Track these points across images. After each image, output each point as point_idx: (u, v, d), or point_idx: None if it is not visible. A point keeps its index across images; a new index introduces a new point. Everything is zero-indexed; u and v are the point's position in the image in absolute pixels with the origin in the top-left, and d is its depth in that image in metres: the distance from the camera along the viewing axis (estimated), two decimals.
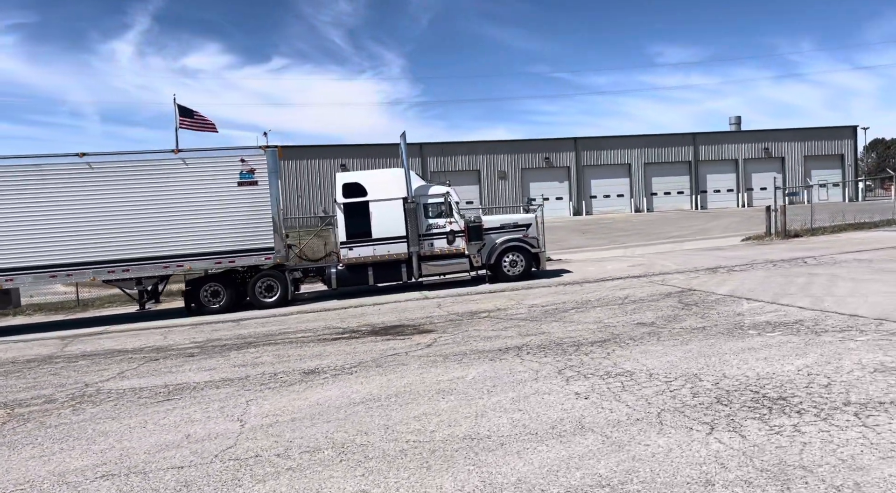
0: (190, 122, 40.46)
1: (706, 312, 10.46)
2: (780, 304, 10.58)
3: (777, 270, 14.94)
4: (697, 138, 59.66)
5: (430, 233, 17.18)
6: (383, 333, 11.10)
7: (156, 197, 15.68)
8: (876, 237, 21.13)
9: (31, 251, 15.05)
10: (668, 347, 8.12)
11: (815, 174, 59.95)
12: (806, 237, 23.44)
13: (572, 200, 57.86)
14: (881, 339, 7.59)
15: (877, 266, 14.11)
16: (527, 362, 7.83)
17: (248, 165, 16.14)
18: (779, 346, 7.65)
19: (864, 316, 9.01)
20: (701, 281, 14.21)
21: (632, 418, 5.45)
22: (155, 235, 15.62)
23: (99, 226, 15.37)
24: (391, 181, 17.30)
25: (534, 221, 18.12)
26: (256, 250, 16.16)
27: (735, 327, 9.05)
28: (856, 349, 7.18)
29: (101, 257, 15.38)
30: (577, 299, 13.28)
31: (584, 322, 10.43)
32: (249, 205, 16.11)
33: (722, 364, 7.01)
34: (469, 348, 9.07)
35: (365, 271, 16.94)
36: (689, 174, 59.45)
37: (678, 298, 12.17)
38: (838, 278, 12.80)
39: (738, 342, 8.03)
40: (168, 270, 16.02)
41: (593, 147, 58.67)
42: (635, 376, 6.81)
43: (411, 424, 5.69)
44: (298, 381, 7.76)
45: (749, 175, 59.93)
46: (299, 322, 13.45)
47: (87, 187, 15.40)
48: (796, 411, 5.30)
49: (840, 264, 15.06)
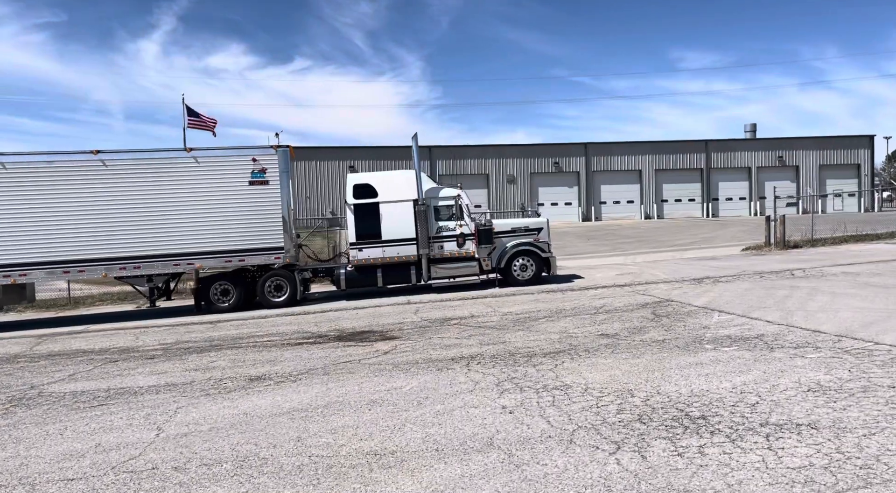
0: (197, 122, 40.90)
1: (674, 324, 10.30)
2: (749, 317, 10.39)
3: (762, 281, 14.70)
4: (710, 145, 59.09)
5: (441, 236, 17.09)
6: (348, 339, 11.05)
7: (168, 195, 15.82)
8: (875, 250, 20.75)
9: (45, 247, 15.25)
10: (619, 360, 7.98)
11: (831, 184, 59.20)
12: (805, 248, 23.06)
13: (581, 206, 57.50)
14: (832, 357, 7.40)
15: (862, 280, 13.83)
16: (472, 373, 7.73)
17: (259, 164, 16.22)
18: (727, 362, 7.49)
19: (825, 332, 8.81)
20: (682, 292, 14.02)
21: (545, 435, 5.33)
22: (166, 232, 15.78)
23: (111, 223, 15.54)
24: (402, 183, 17.25)
25: (545, 226, 17.92)
26: (266, 249, 16.24)
27: (695, 340, 8.89)
28: (801, 367, 7.01)
29: (112, 253, 15.55)
30: (554, 307, 13.15)
31: (549, 332, 10.30)
32: (260, 204, 16.18)
33: (662, 380, 6.87)
34: (423, 356, 8.99)
35: (374, 273, 16.92)
36: (701, 181, 58.87)
37: (652, 309, 12.00)
38: (818, 292, 12.55)
39: (689, 357, 7.88)
40: (178, 267, 16.14)
41: (604, 153, 58.30)
42: (571, 390, 6.70)
43: (325, 437, 5.62)
44: (240, 388, 7.72)
45: (762, 183, 59.14)
46: (274, 325, 13.44)
47: (100, 184, 15.57)
48: (710, 431, 5.16)
49: (826, 277, 14.78)
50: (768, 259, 20.01)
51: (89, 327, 14.90)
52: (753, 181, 59.13)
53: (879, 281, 13.47)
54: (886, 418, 5.23)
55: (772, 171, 59.38)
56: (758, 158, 59.40)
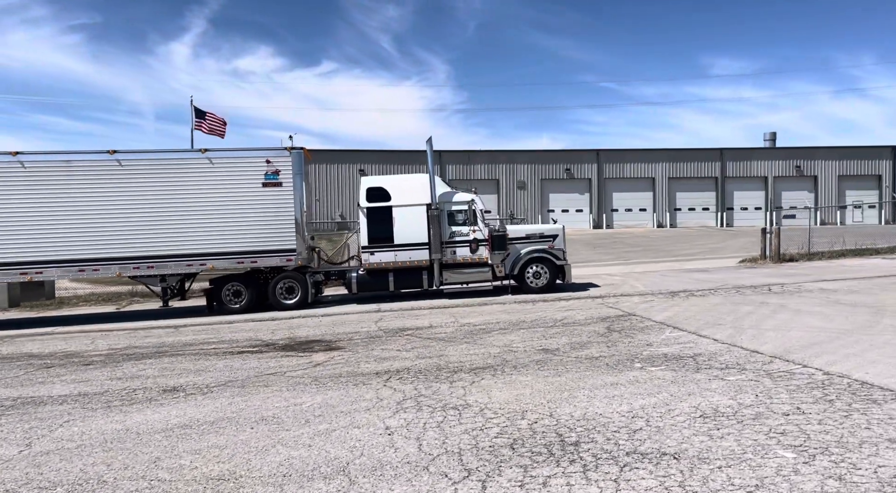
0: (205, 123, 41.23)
1: (621, 340, 10.02)
2: (699, 335, 10.07)
3: (735, 297, 14.31)
4: (725, 154, 58.19)
5: (453, 241, 16.92)
6: (293, 348, 10.92)
7: (182, 195, 15.96)
8: (870, 265, 20.17)
9: (61, 245, 15.45)
10: (539, 377, 7.75)
11: (851, 195, 57.99)
12: (801, 262, 22.54)
13: (592, 213, 56.94)
14: (751, 380, 7.10)
15: (835, 297, 13.38)
16: (384, 390, 7.54)
17: (273, 166, 16.27)
18: (644, 383, 7.22)
19: (762, 353, 8.48)
20: (650, 305, 13.70)
21: (405, 461, 5.13)
22: (179, 232, 15.90)
23: (126, 222, 15.71)
24: (416, 187, 17.12)
25: (561, 233, 17.60)
26: (278, 251, 16.28)
27: (629, 358, 8.61)
28: (712, 391, 6.72)
29: (127, 253, 15.72)
30: (516, 319, 12.92)
31: (493, 345, 10.08)
32: (273, 206, 16.23)
33: (564, 401, 6.63)
34: (351, 369, 8.82)
35: (386, 277, 16.83)
36: (716, 190, 57.98)
37: (610, 323, 11.72)
38: (784, 309, 12.16)
39: (610, 376, 7.62)
40: (191, 268, 16.24)
41: (616, 160, 57.70)
42: (467, 410, 6.48)
43: (184, 458, 5.46)
44: (146, 399, 7.62)
45: (779, 193, 58.13)
46: (233, 332, 13.37)
47: (115, 184, 15.75)
48: (571, 460, 4.92)
49: (802, 293, 14.35)
50: (757, 273, 19.54)
51: (56, 329, 14.99)
52: (770, 191, 58.10)
53: (852, 299, 13.02)
54: (755, 448, 4.96)
55: (789, 181, 58.30)
56: (775, 167, 58.33)
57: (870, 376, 7.00)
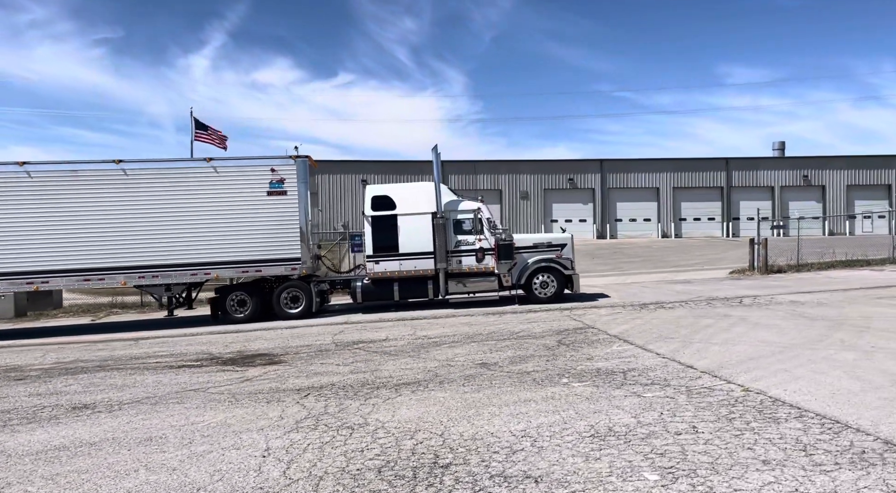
0: (205, 135, 41.43)
1: (564, 353, 9.73)
2: (644, 348, 9.76)
3: (702, 309, 13.94)
4: (730, 163, 57.56)
5: (459, 250, 16.60)
6: (234, 362, 10.72)
7: (187, 204, 15.94)
8: (857, 276, 19.67)
9: (67, 254, 15.46)
10: (458, 394, 7.48)
11: (859, 205, 57.10)
12: (789, 273, 22.07)
13: (596, 223, 56.50)
14: (668, 396, 6.79)
15: (801, 310, 12.97)
16: (295, 406, 7.31)
17: (278, 174, 16.20)
18: (557, 399, 6.93)
19: (696, 368, 8.16)
20: (612, 318, 13.38)
21: (261, 486, 4.88)
22: (184, 241, 15.86)
23: (132, 231, 15.71)
24: (421, 195, 16.87)
25: (569, 242, 17.20)
26: (283, 260, 16.19)
27: (561, 373, 8.32)
28: (619, 408, 6.42)
29: (132, 262, 15.71)
30: (474, 331, 12.66)
31: (435, 360, 9.82)
32: (278, 215, 16.16)
33: (467, 419, 6.36)
34: (276, 386, 8.59)
35: (390, 286, 16.61)
36: (721, 200, 57.34)
37: (564, 336, 11.42)
38: (743, 322, 11.79)
39: (530, 392, 7.34)
40: (196, 277, 16.20)
41: (620, 170, 57.27)
42: (363, 430, 6.22)
43: (34, 484, 5.17)
44: (47, 418, 7.42)
45: (786, 203, 57.38)
46: (189, 344, 13.24)
47: (121, 193, 15.76)
48: (430, 483, 4.66)
49: (771, 305, 13.94)
50: (739, 284, 19.12)
51: (16, 342, 14.93)
52: (776, 201, 57.34)
53: (816, 312, 12.62)
54: (623, 471, 4.68)
55: (796, 190, 57.54)
56: (782, 177, 57.60)
57: (787, 393, 6.68)
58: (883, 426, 5.49)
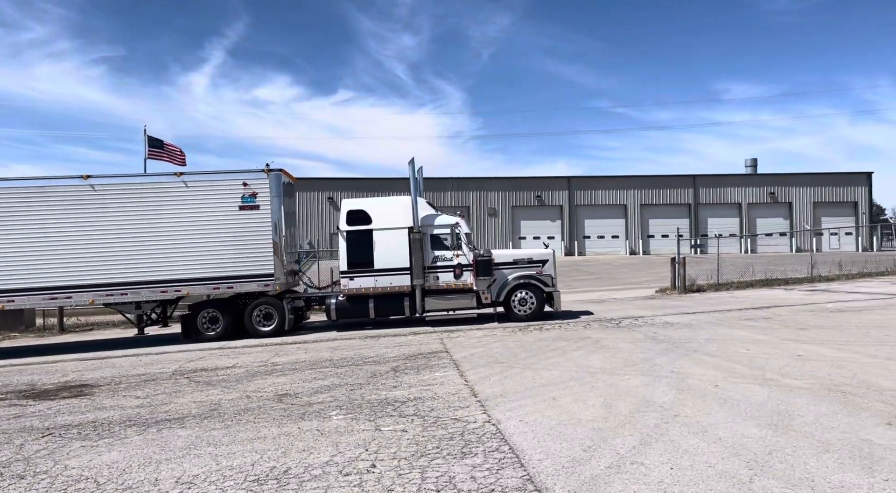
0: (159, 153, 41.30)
1: (385, 381, 9.56)
2: (463, 375, 9.59)
3: (572, 331, 13.78)
4: (698, 180, 57.68)
5: (437, 266, 16.10)
6: (37, 396, 10.22)
7: (157, 220, 15.70)
8: (768, 296, 19.54)
9: (33, 273, 15.23)
10: (201, 431, 7.13)
11: (826, 221, 57.09)
12: (708, 292, 22.05)
13: (564, 240, 56.47)
14: (404, 429, 6.67)
15: (662, 332, 12.78)
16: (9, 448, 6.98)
17: (250, 188, 15.95)
18: (293, 436, 6.75)
19: (479, 396, 8.00)
20: (478, 341, 13.24)
21: None
22: (154, 258, 15.60)
23: (99, 248, 15.47)
24: (397, 210, 16.41)
25: (550, 258, 16.59)
26: (256, 276, 15.88)
27: (351, 404, 8.14)
28: (331, 446, 6.31)
29: (101, 279, 15.45)
30: (325, 357, 12.37)
31: (242, 391, 9.37)
32: (250, 230, 15.88)
33: (162, 463, 6.12)
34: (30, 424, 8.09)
35: (366, 303, 16.12)
36: (689, 217, 57.36)
37: (409, 361, 11.26)
38: (592, 345, 11.63)
39: (279, 429, 7.11)
40: (166, 294, 15.90)
41: (588, 187, 57.36)
42: (35, 478, 5.88)
43: None
44: None
45: (753, 220, 57.43)
46: (30, 373, 12.71)
47: (89, 209, 15.56)
48: None
49: (642, 327, 13.79)
50: (646, 304, 19.01)
51: None
52: (744, 218, 57.38)
53: (673, 334, 12.46)
54: None
55: (764, 207, 57.65)
56: (749, 194, 57.71)
57: (519, 424, 6.63)
58: (548, 461, 5.39)
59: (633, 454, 5.51)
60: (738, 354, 9.99)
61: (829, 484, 4.62)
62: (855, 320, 13.37)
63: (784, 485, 4.64)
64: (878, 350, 9.84)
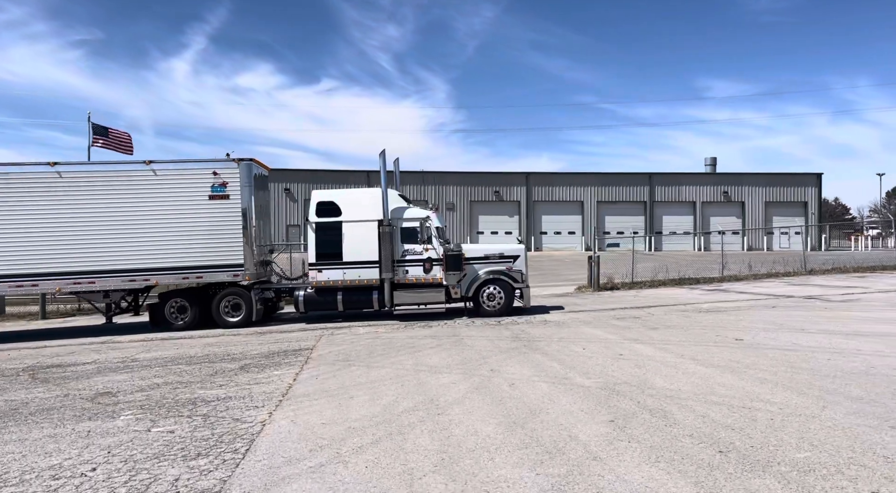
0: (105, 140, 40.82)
1: (217, 380, 9.62)
2: (283, 376, 9.71)
3: (450, 329, 13.95)
4: (654, 178, 58.23)
5: (406, 259, 16.01)
6: None
7: (125, 208, 15.62)
8: (670, 295, 19.83)
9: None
10: None
11: (777, 221, 58.02)
12: (621, 291, 22.33)
13: (521, 235, 56.65)
14: (172, 428, 6.74)
15: (528, 331, 12.94)
16: None
17: (220, 178, 15.88)
18: (60, 438, 6.84)
19: (252, 397, 8.13)
20: (357, 338, 13.34)
21: None
22: (122, 247, 15.55)
23: (66, 236, 15.41)
24: (367, 202, 16.20)
25: (522, 253, 16.47)
26: (225, 266, 15.87)
27: (122, 409, 8.23)
28: (61, 446, 6.36)
29: (67, 268, 15.41)
30: (195, 353, 12.35)
31: (70, 388, 9.24)
32: (220, 219, 15.84)
33: None
34: None
35: (334, 296, 16.04)
36: (644, 215, 57.92)
37: (264, 359, 11.29)
38: (451, 342, 11.78)
39: (60, 429, 7.17)
40: (135, 283, 15.83)
41: (545, 183, 57.70)
42: None
43: None
44: None
45: (707, 219, 58.14)
46: None
47: (56, 197, 15.47)
48: None
49: (519, 325, 13.98)
50: (553, 301, 19.22)
51: None
52: (698, 216, 58.07)
53: (537, 332, 12.63)
54: None
55: (717, 206, 58.39)
56: (703, 192, 58.40)
57: (291, 423, 6.72)
58: (263, 463, 5.48)
59: (351, 453, 5.62)
60: (572, 354, 10.16)
61: (500, 479, 4.74)
62: (709, 320, 13.67)
63: (448, 479, 4.76)
64: (690, 350, 10.10)
